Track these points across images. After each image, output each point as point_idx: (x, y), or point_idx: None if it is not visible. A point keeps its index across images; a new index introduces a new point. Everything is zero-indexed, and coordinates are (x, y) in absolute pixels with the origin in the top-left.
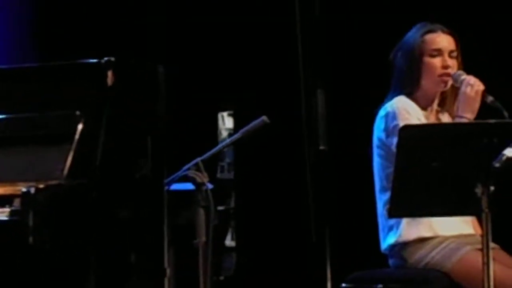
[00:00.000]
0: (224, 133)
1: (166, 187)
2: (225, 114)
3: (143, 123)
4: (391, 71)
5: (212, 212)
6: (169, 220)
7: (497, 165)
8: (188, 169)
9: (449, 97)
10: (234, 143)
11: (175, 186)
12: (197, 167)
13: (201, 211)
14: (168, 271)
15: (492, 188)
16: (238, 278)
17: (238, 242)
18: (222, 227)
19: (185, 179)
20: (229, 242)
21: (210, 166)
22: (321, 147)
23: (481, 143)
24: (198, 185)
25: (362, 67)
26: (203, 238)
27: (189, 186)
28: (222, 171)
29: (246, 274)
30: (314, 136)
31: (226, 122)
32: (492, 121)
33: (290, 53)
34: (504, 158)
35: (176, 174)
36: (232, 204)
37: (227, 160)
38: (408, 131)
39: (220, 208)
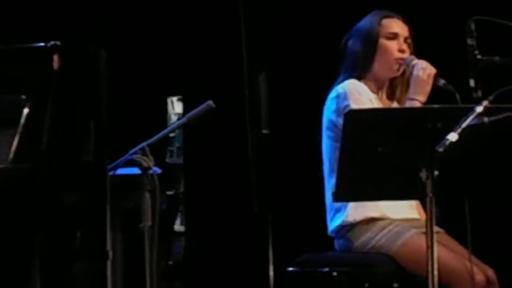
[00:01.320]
0: (174, 118)
1: (112, 172)
2: (174, 99)
3: (87, 108)
4: (342, 56)
5: (158, 197)
6: (115, 204)
7: (440, 149)
8: (134, 153)
9: (399, 87)
10: (180, 128)
11: (121, 171)
12: (143, 152)
13: (147, 195)
14: (110, 253)
15: (436, 172)
16: (187, 263)
17: (188, 227)
18: (171, 212)
19: (131, 163)
20: (178, 227)
21: (159, 151)
22: (264, 131)
23: (425, 128)
24: (144, 170)
25: (304, 52)
26: (149, 222)
27: (136, 170)
28: (171, 156)
29: (195, 259)
30: (256, 119)
31: (175, 107)
32: (436, 106)
33: (234, 37)
34: (447, 142)
35: (122, 159)
36: (181, 189)
37: (176, 144)
38: (353, 115)
39: (169, 193)
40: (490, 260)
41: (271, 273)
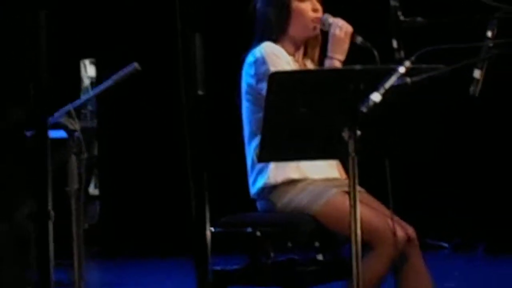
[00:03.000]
0: (86, 81)
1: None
2: (87, 61)
3: (25, 70)
4: (252, 20)
5: (84, 160)
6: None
7: (364, 110)
8: (60, 116)
9: (311, 44)
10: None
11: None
12: (69, 114)
13: (73, 158)
14: (52, 213)
15: (358, 132)
16: (102, 226)
17: (102, 190)
18: (85, 176)
19: (56, 126)
20: (92, 190)
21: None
22: (199, 92)
23: (348, 88)
24: (70, 132)
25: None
26: (76, 185)
27: (60, 133)
28: (84, 119)
29: (110, 222)
30: (192, 81)
31: (88, 70)
32: (358, 67)
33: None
34: (371, 103)
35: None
36: (95, 153)
37: (89, 108)
38: (276, 77)
39: (83, 156)
40: (410, 218)
41: (208, 233)
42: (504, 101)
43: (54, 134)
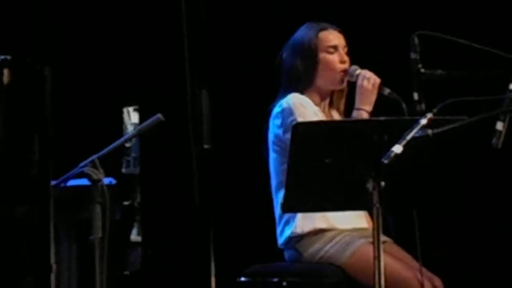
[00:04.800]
0: (130, 128)
1: (63, 184)
2: (130, 109)
3: (32, 122)
4: (279, 71)
5: (108, 209)
6: (67, 215)
7: (385, 161)
8: (85, 165)
9: (336, 94)
10: (131, 139)
11: (73, 182)
12: (93, 164)
13: (97, 207)
14: (54, 267)
15: (383, 183)
16: (144, 273)
17: (144, 237)
18: (127, 222)
19: (81, 175)
20: (134, 237)
21: (115, 161)
22: (206, 146)
23: (372, 140)
24: (94, 182)
25: (245, 69)
26: (99, 234)
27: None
28: (127, 166)
29: (152, 269)
30: (199, 135)
31: (131, 117)
32: (382, 118)
33: (178, 55)
34: (392, 154)
35: (72, 171)
36: (138, 199)
37: (133, 155)
38: (301, 127)
39: (126, 203)
40: (437, 270)
41: (213, 284)
42: None
43: (81, 182)
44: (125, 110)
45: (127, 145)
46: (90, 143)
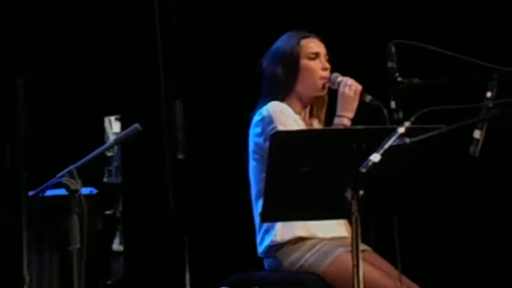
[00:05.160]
0: (112, 137)
1: (40, 194)
2: (112, 118)
3: (2, 133)
4: (260, 79)
5: (86, 219)
6: (46, 225)
7: (363, 170)
8: (62, 176)
9: (317, 103)
10: (109, 150)
11: (51, 192)
12: (71, 174)
13: (75, 218)
14: (27, 278)
15: (361, 192)
16: (126, 282)
17: (126, 246)
18: (109, 232)
19: (59, 186)
20: (116, 246)
21: (97, 170)
22: (180, 156)
23: (350, 148)
24: (72, 192)
25: (220, 79)
26: (78, 245)
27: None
28: (109, 175)
29: (134, 278)
30: (173, 145)
31: (113, 126)
32: (360, 127)
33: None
34: (370, 163)
35: (50, 182)
36: (120, 208)
37: (115, 164)
38: (279, 136)
39: (108, 212)
40: (416, 278)
41: None
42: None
43: (59, 192)
44: (106, 119)
45: (109, 154)
46: (71, 153)
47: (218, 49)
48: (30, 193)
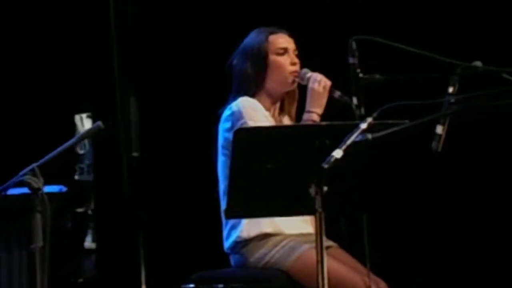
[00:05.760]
0: None
1: (3, 192)
2: (83, 115)
3: None
4: (230, 76)
5: (49, 217)
6: (10, 224)
7: (326, 166)
8: (24, 174)
9: (288, 99)
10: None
11: (14, 191)
12: (33, 173)
13: (38, 216)
14: None
15: (325, 188)
16: (98, 279)
17: (99, 243)
18: (80, 229)
19: (21, 184)
20: (89, 244)
21: (67, 168)
22: (134, 154)
23: (313, 144)
24: (34, 190)
25: (176, 76)
26: (40, 243)
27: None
28: (81, 173)
29: (106, 275)
30: (128, 142)
31: (85, 123)
32: (324, 123)
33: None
34: (332, 159)
35: (12, 180)
36: (92, 206)
37: (87, 162)
38: (242, 133)
39: (80, 210)
40: (383, 273)
41: None
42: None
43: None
44: (77, 117)
45: (81, 152)
46: (43, 151)
47: (174, 46)
48: None
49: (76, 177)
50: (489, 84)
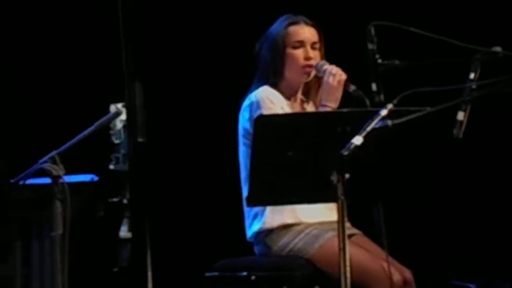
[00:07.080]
0: (119, 125)
1: (22, 181)
2: (119, 105)
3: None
4: (256, 62)
5: (68, 205)
6: (30, 213)
7: (345, 153)
8: (44, 162)
9: (313, 87)
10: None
11: (33, 180)
12: (53, 160)
13: (58, 204)
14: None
15: (347, 175)
16: (133, 269)
17: (134, 233)
18: (115, 219)
19: (41, 172)
20: (124, 233)
21: (102, 157)
22: (140, 139)
23: (335, 131)
24: (54, 178)
25: (183, 62)
26: (60, 231)
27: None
28: (117, 163)
29: (141, 265)
30: (133, 128)
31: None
32: (345, 110)
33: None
34: (352, 146)
35: (31, 168)
36: (128, 196)
37: (122, 151)
38: (263, 120)
39: (114, 199)
40: (407, 261)
41: (149, 276)
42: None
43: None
44: (112, 106)
45: (116, 141)
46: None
47: (180, 30)
48: (12, 180)
49: (111, 166)
50: (509, 69)
